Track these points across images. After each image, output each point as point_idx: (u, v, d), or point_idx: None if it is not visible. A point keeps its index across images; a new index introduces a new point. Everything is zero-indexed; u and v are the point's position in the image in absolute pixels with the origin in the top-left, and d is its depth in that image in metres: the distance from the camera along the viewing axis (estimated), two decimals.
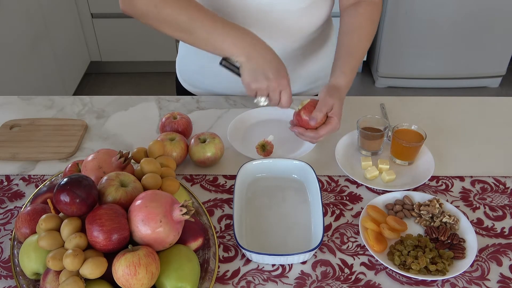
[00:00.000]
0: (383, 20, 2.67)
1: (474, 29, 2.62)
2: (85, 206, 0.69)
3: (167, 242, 0.70)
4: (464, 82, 2.87)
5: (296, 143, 1.04)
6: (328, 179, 0.96)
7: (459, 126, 1.10)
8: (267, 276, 0.77)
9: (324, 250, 0.82)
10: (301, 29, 1.09)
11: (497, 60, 2.77)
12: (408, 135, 0.97)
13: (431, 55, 2.74)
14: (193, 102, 1.19)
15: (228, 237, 0.84)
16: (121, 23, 2.79)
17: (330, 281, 0.77)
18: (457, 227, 0.83)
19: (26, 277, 0.74)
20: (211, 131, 1.08)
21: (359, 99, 1.18)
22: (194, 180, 0.96)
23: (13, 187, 0.95)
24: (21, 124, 1.11)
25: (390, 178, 0.94)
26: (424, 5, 2.55)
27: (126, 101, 1.20)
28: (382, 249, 0.79)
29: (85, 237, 0.68)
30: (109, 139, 1.08)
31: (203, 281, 0.74)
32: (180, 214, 0.69)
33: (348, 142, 1.03)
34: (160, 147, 0.87)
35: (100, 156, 0.80)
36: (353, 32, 1.04)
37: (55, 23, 2.52)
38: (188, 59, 1.23)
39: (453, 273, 0.75)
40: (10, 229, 0.86)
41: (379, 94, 2.89)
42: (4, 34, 2.07)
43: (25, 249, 0.72)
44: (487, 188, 0.94)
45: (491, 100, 1.19)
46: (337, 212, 0.89)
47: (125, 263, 0.65)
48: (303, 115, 0.95)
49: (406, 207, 0.88)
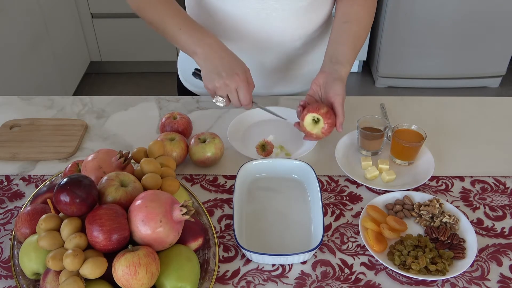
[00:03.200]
0: (383, 20, 2.67)
1: (474, 29, 2.62)
2: (85, 206, 0.69)
3: (167, 242, 0.70)
4: (464, 82, 2.87)
5: (296, 143, 1.04)
6: (328, 179, 0.96)
7: (459, 126, 1.10)
8: (267, 276, 0.77)
9: (324, 250, 0.82)
10: (303, 27, 1.09)
11: (497, 60, 2.77)
12: (408, 135, 0.97)
13: (431, 55, 2.74)
14: (193, 102, 1.19)
15: (228, 237, 0.84)
16: (121, 23, 2.79)
17: (330, 281, 0.77)
18: (457, 227, 0.83)
19: (26, 277, 0.74)
20: (211, 131, 1.08)
21: (359, 99, 1.18)
22: (194, 180, 0.96)
23: (13, 187, 0.95)
24: (21, 124, 1.11)
25: (390, 178, 0.94)
26: (424, 5, 2.55)
27: (126, 101, 1.20)
28: (382, 249, 0.80)
29: (85, 237, 0.68)
30: (109, 139, 1.08)
31: (203, 281, 0.74)
32: (180, 214, 0.69)
33: (348, 142, 1.03)
34: (160, 147, 0.87)
35: (100, 156, 0.80)
36: (352, 23, 1.03)
37: (55, 23, 2.52)
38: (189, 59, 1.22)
39: (453, 273, 0.75)
40: (10, 229, 0.86)
41: (379, 94, 2.89)
42: (4, 34, 2.07)
43: (25, 249, 0.72)
44: (487, 188, 0.94)
45: (491, 100, 1.19)
46: (337, 212, 0.89)
47: (125, 263, 0.65)
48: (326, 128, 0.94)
49: (406, 207, 0.88)
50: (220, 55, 0.94)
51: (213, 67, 0.94)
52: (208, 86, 0.95)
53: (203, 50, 0.94)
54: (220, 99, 0.96)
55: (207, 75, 0.95)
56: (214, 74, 0.93)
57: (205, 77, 0.95)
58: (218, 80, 0.93)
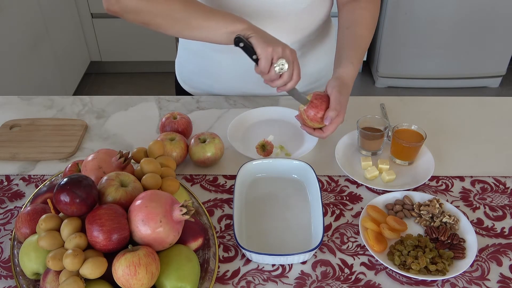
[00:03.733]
0: (383, 20, 2.67)
1: (474, 29, 2.62)
2: (85, 206, 0.69)
3: (167, 242, 0.70)
4: (464, 82, 2.87)
5: (296, 143, 1.04)
6: (328, 179, 0.96)
7: (459, 126, 1.10)
8: (267, 276, 0.77)
9: (324, 250, 0.82)
10: (301, 29, 1.09)
11: (497, 60, 2.77)
12: (408, 135, 0.97)
13: (431, 55, 2.74)
14: (193, 102, 1.19)
15: (228, 237, 0.84)
16: (121, 23, 2.78)
17: (330, 281, 0.77)
18: (457, 227, 0.83)
19: (26, 277, 0.74)
20: (211, 131, 1.08)
21: (359, 99, 1.18)
22: (194, 180, 0.96)
23: (13, 187, 0.95)
24: (21, 124, 1.11)
25: (390, 178, 0.94)
26: (424, 5, 2.55)
27: (126, 101, 1.20)
28: (382, 249, 0.80)
29: (85, 237, 0.68)
30: (109, 139, 1.08)
31: (203, 281, 0.74)
32: (180, 214, 0.69)
33: (348, 142, 1.03)
34: (160, 147, 0.87)
35: (100, 156, 0.80)
36: (356, 25, 1.03)
37: (55, 23, 2.52)
38: (187, 61, 1.23)
39: (453, 273, 0.75)
40: (10, 229, 0.86)
41: (379, 94, 2.89)
42: (4, 34, 2.07)
43: (25, 249, 0.72)
44: (487, 188, 0.94)
45: (491, 100, 1.19)
46: (337, 212, 0.89)
47: (125, 263, 0.65)
48: (311, 113, 0.92)
49: (406, 207, 0.88)
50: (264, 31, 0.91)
51: (267, 34, 0.90)
52: (268, 48, 0.88)
53: (248, 24, 0.89)
54: (282, 61, 0.89)
55: (265, 38, 0.89)
56: (272, 38, 0.89)
57: (264, 41, 0.88)
58: (280, 43, 0.89)
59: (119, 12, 0.92)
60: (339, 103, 0.91)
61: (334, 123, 0.92)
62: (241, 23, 0.89)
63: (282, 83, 0.92)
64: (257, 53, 0.89)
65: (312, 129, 0.95)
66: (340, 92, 0.92)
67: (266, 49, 0.88)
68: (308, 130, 0.95)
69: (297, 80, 0.92)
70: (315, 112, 0.91)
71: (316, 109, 0.91)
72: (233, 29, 0.89)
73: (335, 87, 0.93)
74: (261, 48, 0.88)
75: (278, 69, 0.90)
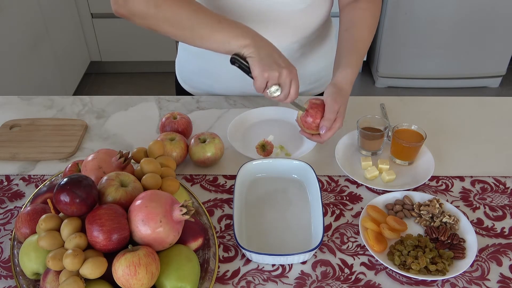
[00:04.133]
0: (383, 20, 2.67)
1: (474, 29, 2.62)
2: (85, 206, 0.69)
3: (167, 242, 0.70)
4: (464, 82, 2.87)
5: (296, 143, 1.04)
6: (328, 179, 0.96)
7: (459, 126, 1.10)
8: (267, 276, 0.77)
9: (324, 250, 0.82)
10: (301, 30, 1.09)
11: (497, 60, 2.77)
12: (408, 135, 0.97)
13: (431, 55, 2.74)
14: (193, 102, 1.19)
15: (228, 237, 0.84)
16: (121, 23, 2.79)
17: (330, 281, 0.77)
18: (457, 227, 0.83)
19: (26, 277, 0.74)
20: (211, 131, 1.08)
21: (359, 99, 1.18)
22: (194, 180, 0.96)
23: (13, 187, 0.95)
24: (21, 124, 1.11)
25: (390, 178, 0.94)
26: (424, 5, 2.55)
27: (126, 101, 1.20)
28: (382, 249, 0.79)
29: (85, 237, 0.68)
30: (109, 139, 1.08)
31: (203, 281, 0.74)
32: (180, 214, 0.69)
33: (348, 142, 1.03)
34: (160, 147, 0.87)
35: (100, 156, 0.80)
36: (355, 26, 1.03)
37: (55, 23, 2.52)
38: (187, 61, 1.23)
39: (453, 273, 0.75)
40: (10, 229, 0.86)
41: (379, 94, 2.89)
42: (4, 34, 2.07)
43: (25, 249, 0.72)
44: (487, 188, 0.94)
45: (491, 100, 1.19)
46: (337, 212, 0.89)
47: (125, 263, 0.65)
48: (309, 119, 0.94)
49: (406, 207, 0.88)
50: (270, 45, 0.90)
51: (267, 54, 0.89)
52: (264, 73, 0.88)
53: (252, 40, 0.88)
54: (274, 88, 0.90)
55: (263, 61, 0.88)
56: (272, 62, 0.88)
57: (261, 65, 0.88)
58: (277, 68, 0.88)
59: (127, 15, 0.92)
60: (333, 112, 0.93)
61: (331, 130, 0.94)
62: (245, 38, 0.88)
63: (278, 100, 0.93)
64: (252, 75, 0.89)
65: (310, 134, 0.97)
66: (335, 100, 0.93)
67: (262, 74, 0.88)
68: (306, 136, 0.98)
69: (294, 98, 0.92)
70: (311, 121, 0.94)
71: (312, 117, 0.94)
72: (237, 44, 0.88)
73: (330, 95, 0.94)
74: (257, 72, 0.88)
75: (270, 94, 0.91)
